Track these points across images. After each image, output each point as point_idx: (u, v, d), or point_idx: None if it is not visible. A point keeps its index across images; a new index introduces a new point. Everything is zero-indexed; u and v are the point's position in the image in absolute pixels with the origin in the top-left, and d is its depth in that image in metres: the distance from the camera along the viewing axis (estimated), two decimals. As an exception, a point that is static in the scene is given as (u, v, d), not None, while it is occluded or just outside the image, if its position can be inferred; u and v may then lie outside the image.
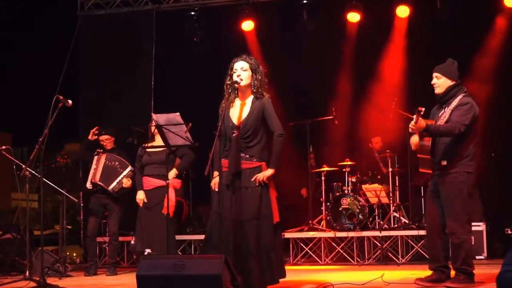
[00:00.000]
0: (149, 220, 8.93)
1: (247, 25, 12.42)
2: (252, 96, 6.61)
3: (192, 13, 12.54)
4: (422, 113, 6.61)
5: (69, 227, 15.03)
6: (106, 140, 9.94)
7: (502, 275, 3.73)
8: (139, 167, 9.18)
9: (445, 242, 7.02)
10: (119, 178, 9.70)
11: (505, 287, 3.70)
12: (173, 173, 8.99)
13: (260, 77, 6.62)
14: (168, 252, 8.07)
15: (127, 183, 9.69)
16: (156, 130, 8.45)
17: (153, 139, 9.00)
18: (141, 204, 8.99)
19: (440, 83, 7.07)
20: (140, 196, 9.01)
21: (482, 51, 11.43)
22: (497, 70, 11.38)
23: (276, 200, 6.56)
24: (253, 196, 6.42)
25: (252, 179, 6.44)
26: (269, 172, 6.47)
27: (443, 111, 7.04)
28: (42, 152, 7.70)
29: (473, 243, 9.56)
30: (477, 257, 9.86)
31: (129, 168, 9.69)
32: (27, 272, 8.77)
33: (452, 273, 6.99)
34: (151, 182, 9.02)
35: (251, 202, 6.41)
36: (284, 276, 6.61)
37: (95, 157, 9.82)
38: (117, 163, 9.76)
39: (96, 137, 9.85)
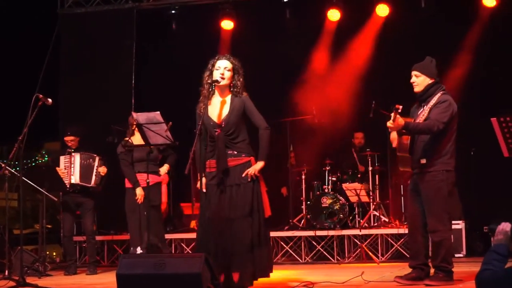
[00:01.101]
0: (144, 217, 8.83)
1: (227, 24, 12.41)
2: (230, 95, 6.61)
3: (173, 11, 12.53)
4: (399, 110, 6.63)
5: (49, 226, 14.94)
6: (71, 141, 9.89)
7: (481, 273, 3.76)
8: (130, 162, 9.12)
9: (426, 240, 7.05)
10: (95, 171, 9.70)
11: (484, 285, 3.73)
12: (165, 168, 9.02)
13: (241, 79, 6.64)
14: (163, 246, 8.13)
15: (103, 170, 9.70)
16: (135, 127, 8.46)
17: (133, 133, 8.96)
18: (141, 200, 8.95)
19: (419, 81, 7.09)
20: (141, 192, 8.97)
21: (461, 50, 11.48)
22: (475, 68, 11.44)
23: (266, 194, 6.58)
24: (245, 193, 6.42)
25: (243, 175, 6.44)
26: (260, 165, 6.49)
27: (422, 109, 7.07)
28: (21, 151, 7.67)
29: (452, 241, 9.66)
30: (456, 255, 9.91)
31: (97, 157, 9.71)
32: (6, 271, 8.75)
33: (432, 271, 7.03)
34: (142, 179, 8.89)
35: (244, 199, 6.41)
36: (271, 271, 6.64)
37: (68, 158, 9.74)
38: (90, 159, 9.77)
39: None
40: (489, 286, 3.68)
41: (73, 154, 9.75)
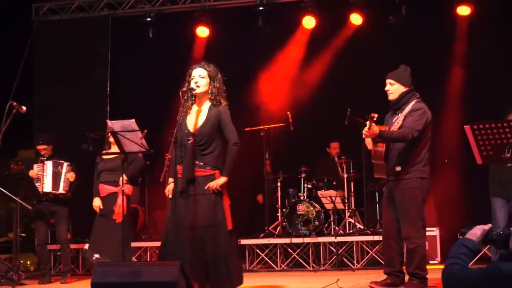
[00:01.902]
0: (103, 226, 8.84)
1: (203, 31, 12.40)
2: (209, 104, 6.62)
3: (148, 19, 12.49)
4: (375, 119, 6.66)
5: (23, 234, 14.83)
6: (44, 150, 9.84)
7: (450, 267, 3.77)
8: (96, 174, 9.09)
9: (401, 247, 7.08)
10: (63, 177, 9.65)
11: (453, 282, 3.74)
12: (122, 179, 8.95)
13: (218, 85, 6.63)
14: (123, 259, 8.01)
15: (72, 176, 9.66)
16: (111, 137, 8.42)
17: (109, 147, 8.91)
18: (97, 211, 8.91)
19: (394, 89, 7.13)
20: (96, 203, 8.91)
21: (435, 58, 11.57)
22: (449, 76, 11.54)
23: (229, 208, 6.57)
24: (207, 203, 6.43)
25: (206, 187, 6.44)
26: (222, 180, 6.48)
27: (396, 117, 7.11)
28: (-5, 159, 7.62)
29: (427, 248, 9.71)
30: (430, 262, 9.96)
31: (65, 164, 9.68)
32: (-20, 280, 8.66)
33: (406, 277, 7.06)
34: (104, 189, 8.94)
35: (206, 209, 6.41)
36: (241, 282, 6.62)
37: (41, 165, 9.68)
38: (59, 166, 9.73)
39: None
40: (460, 285, 3.69)
41: (45, 162, 9.69)
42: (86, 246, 8.84)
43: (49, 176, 9.62)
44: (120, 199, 8.59)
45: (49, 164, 9.66)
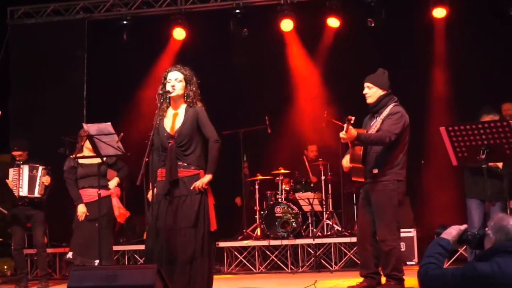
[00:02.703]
0: (91, 232, 8.69)
1: (179, 33, 12.37)
2: (185, 105, 6.62)
3: (125, 22, 12.43)
4: (352, 121, 6.68)
5: (0, 239, 14.73)
6: (19, 155, 9.78)
7: (426, 266, 3.81)
8: (74, 179, 8.96)
9: (376, 249, 7.11)
10: (38, 181, 9.57)
11: (428, 278, 3.77)
12: (115, 181, 8.90)
13: (194, 88, 6.64)
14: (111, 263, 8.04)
15: (47, 180, 9.56)
16: (85, 140, 8.38)
17: (81, 150, 8.83)
18: (83, 218, 8.67)
19: (372, 92, 7.17)
20: (82, 209, 8.72)
21: (412, 61, 11.63)
22: (426, 79, 11.62)
23: (213, 207, 6.57)
24: (191, 204, 6.42)
25: (191, 187, 6.43)
26: (207, 178, 6.48)
27: (374, 120, 7.14)
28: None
29: (404, 249, 9.77)
30: (408, 263, 10.01)
31: (40, 167, 9.58)
32: (-44, 285, 8.59)
33: (383, 279, 7.09)
34: (93, 195, 8.77)
35: (190, 210, 6.40)
36: (211, 285, 6.61)
37: (17, 170, 9.62)
38: (34, 170, 9.63)
39: None
40: (436, 285, 3.73)
41: (21, 166, 9.63)
42: (70, 254, 8.68)
43: (25, 180, 9.55)
44: (117, 202, 8.62)
45: (25, 168, 9.60)
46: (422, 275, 3.80)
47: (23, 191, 9.52)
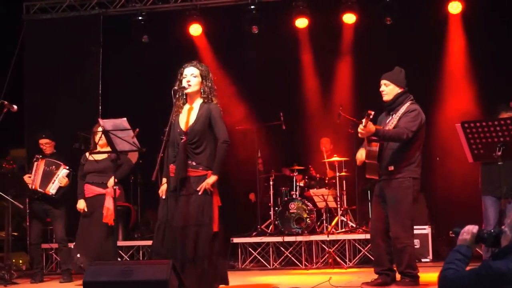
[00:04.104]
0: (88, 227, 8.78)
1: (195, 30, 12.38)
2: (200, 101, 6.62)
3: (140, 17, 12.46)
4: (371, 116, 6.68)
5: (15, 233, 14.76)
6: (46, 144, 9.79)
7: (444, 271, 3.81)
8: (81, 175, 9.02)
9: (388, 245, 7.10)
10: (54, 178, 9.55)
11: (446, 282, 3.77)
12: (112, 180, 8.93)
13: (210, 84, 6.64)
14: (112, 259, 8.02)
15: (63, 181, 9.50)
16: (100, 136, 8.40)
17: (95, 147, 8.87)
18: (82, 212, 8.84)
19: (389, 90, 7.16)
20: (80, 205, 8.81)
21: (427, 57, 11.59)
22: (441, 76, 11.56)
23: (218, 209, 6.56)
24: (196, 203, 6.43)
25: (198, 188, 6.44)
26: (212, 179, 6.48)
27: (390, 118, 7.14)
28: (-14, 158, 7.61)
29: (418, 246, 9.75)
30: (422, 260, 9.99)
31: (62, 167, 9.51)
32: (-28, 279, 8.63)
33: (398, 276, 7.08)
34: (91, 190, 8.87)
35: (194, 209, 6.42)
36: (226, 282, 6.62)
37: (34, 164, 9.66)
38: (53, 166, 9.61)
39: None
40: (454, 286, 3.73)
41: (40, 160, 9.65)
42: (78, 255, 8.74)
43: (39, 174, 9.57)
44: (108, 202, 8.60)
45: (42, 163, 9.60)
46: (441, 279, 3.82)
47: (35, 185, 9.54)
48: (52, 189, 9.51)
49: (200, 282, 6.40)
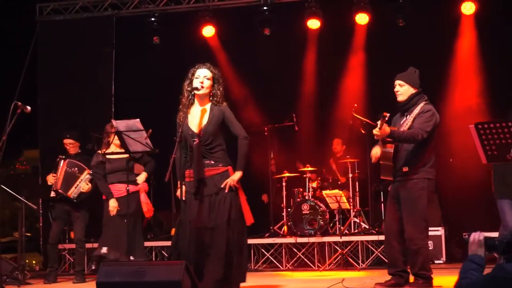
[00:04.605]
0: (122, 227, 8.72)
1: (208, 31, 12.40)
2: (210, 104, 6.60)
3: (152, 19, 12.49)
4: (387, 118, 6.68)
5: (28, 234, 14.83)
6: (70, 144, 9.81)
7: (460, 282, 3.80)
8: (102, 174, 9.00)
9: (403, 246, 7.08)
10: (77, 183, 9.57)
11: None
12: (143, 176, 8.96)
13: (221, 88, 6.63)
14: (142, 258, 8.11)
15: (85, 187, 9.53)
16: (113, 137, 8.41)
17: (108, 146, 8.87)
18: (115, 212, 8.73)
19: (403, 90, 7.15)
20: (114, 203, 8.74)
21: (440, 58, 11.55)
22: (453, 76, 11.52)
23: (246, 202, 6.57)
24: (223, 202, 6.41)
25: (222, 186, 6.42)
26: (238, 175, 6.48)
27: (405, 118, 7.12)
28: (0, 159, 7.63)
29: (431, 248, 9.71)
30: (435, 262, 9.96)
31: (86, 171, 9.50)
32: (-15, 280, 8.65)
33: (411, 277, 7.06)
34: (120, 190, 8.81)
35: (223, 208, 6.39)
36: (244, 280, 6.63)
37: (58, 163, 9.69)
38: (76, 168, 9.60)
39: None
40: None
41: (63, 160, 9.67)
42: (104, 249, 8.71)
43: (61, 175, 9.59)
44: (145, 197, 8.67)
45: (64, 163, 9.61)
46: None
47: (56, 185, 9.56)
48: (74, 193, 9.52)
49: (241, 278, 6.48)
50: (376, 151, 7.20)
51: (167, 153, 6.92)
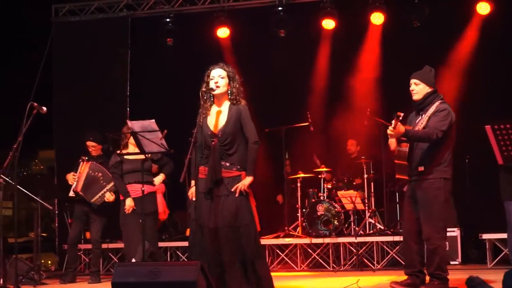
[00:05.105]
0: (136, 227, 8.73)
1: (222, 32, 12.41)
2: (228, 103, 6.61)
3: (168, 19, 12.51)
4: (401, 118, 6.66)
5: (44, 234, 14.88)
6: (92, 147, 9.82)
7: None
8: (120, 174, 9.01)
9: (421, 247, 7.06)
10: (103, 192, 9.57)
11: None
12: (161, 177, 8.98)
13: (237, 85, 6.64)
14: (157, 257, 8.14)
15: (110, 197, 9.53)
16: (129, 137, 8.42)
17: (127, 146, 8.87)
18: (129, 211, 8.69)
19: (419, 89, 7.13)
20: (130, 202, 8.69)
21: (455, 57, 11.51)
22: (469, 74, 11.46)
23: (255, 208, 6.57)
24: (233, 204, 6.41)
25: (233, 189, 6.43)
26: (248, 180, 6.48)
27: (420, 117, 7.10)
28: (16, 159, 7.66)
29: (447, 249, 9.66)
30: (451, 262, 9.92)
31: (113, 182, 9.40)
32: (1, 280, 8.67)
33: (427, 278, 7.04)
34: (137, 190, 8.79)
35: (231, 210, 6.40)
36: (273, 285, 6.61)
37: (80, 164, 9.71)
38: (100, 174, 9.60)
39: None
40: None
41: (86, 162, 9.68)
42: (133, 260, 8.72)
43: (82, 176, 9.60)
44: (161, 198, 8.69)
45: (87, 165, 9.63)
46: None
47: (76, 187, 9.57)
48: (98, 201, 9.54)
49: (251, 285, 6.42)
50: (393, 140, 7.17)
51: (182, 153, 6.92)
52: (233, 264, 6.34)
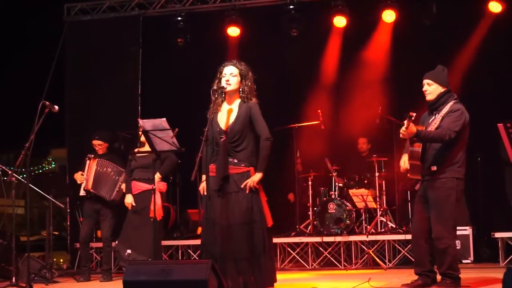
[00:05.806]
0: (136, 223, 8.89)
1: (233, 31, 12.41)
2: (239, 101, 6.62)
3: (179, 18, 12.52)
4: (413, 118, 6.63)
5: (56, 233, 14.97)
6: (98, 145, 9.85)
7: None
8: (128, 172, 9.12)
9: (431, 246, 7.03)
10: (118, 186, 9.61)
11: None
12: (157, 177, 8.98)
13: (249, 83, 6.64)
14: (154, 257, 8.08)
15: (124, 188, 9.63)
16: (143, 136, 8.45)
17: (142, 145, 8.91)
18: (129, 208, 8.93)
19: (432, 89, 7.09)
20: (129, 200, 8.92)
21: (467, 56, 11.47)
22: (481, 73, 11.42)
23: (267, 203, 6.57)
24: (243, 201, 6.43)
25: (242, 186, 6.44)
26: (258, 176, 6.48)
27: (433, 117, 7.07)
28: (28, 158, 7.69)
29: (459, 247, 9.64)
30: (463, 261, 9.88)
31: (124, 173, 9.53)
32: (13, 278, 8.70)
33: (438, 277, 7.02)
34: (137, 186, 8.97)
35: (242, 207, 6.41)
36: (272, 284, 6.60)
37: (86, 163, 9.74)
38: (109, 169, 9.65)
39: None
40: None
41: (92, 159, 9.71)
42: (129, 251, 8.80)
43: (91, 174, 9.63)
44: (155, 197, 8.67)
45: (94, 162, 9.67)
46: None
47: (87, 185, 9.60)
48: (114, 196, 9.56)
49: (270, 278, 6.45)
50: (403, 161, 7.16)
51: (193, 151, 6.94)
52: (245, 260, 6.34)
